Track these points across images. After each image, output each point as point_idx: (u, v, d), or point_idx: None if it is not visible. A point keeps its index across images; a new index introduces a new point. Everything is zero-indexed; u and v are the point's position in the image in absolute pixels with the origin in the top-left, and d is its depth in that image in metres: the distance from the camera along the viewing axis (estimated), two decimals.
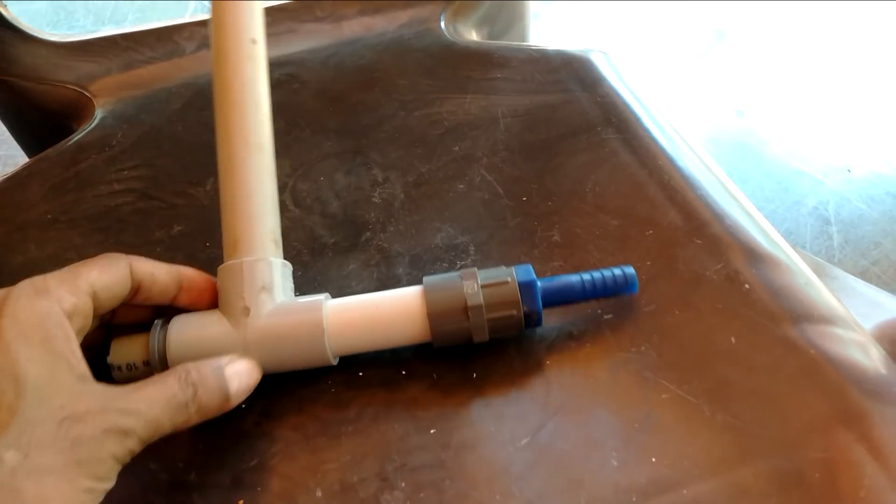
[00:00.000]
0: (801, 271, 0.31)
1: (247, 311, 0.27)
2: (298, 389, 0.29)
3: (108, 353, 0.27)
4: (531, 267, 0.28)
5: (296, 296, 0.29)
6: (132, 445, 0.22)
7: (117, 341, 0.27)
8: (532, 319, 0.28)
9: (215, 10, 0.30)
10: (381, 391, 0.28)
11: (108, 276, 0.25)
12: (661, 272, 0.31)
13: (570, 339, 0.29)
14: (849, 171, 0.96)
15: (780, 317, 0.29)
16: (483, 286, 0.27)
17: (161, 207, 0.38)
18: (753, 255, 0.31)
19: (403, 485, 0.25)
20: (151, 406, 0.23)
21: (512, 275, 0.28)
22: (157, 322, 0.27)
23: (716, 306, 0.29)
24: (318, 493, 0.25)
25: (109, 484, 0.22)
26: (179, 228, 0.37)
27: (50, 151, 0.42)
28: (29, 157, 0.53)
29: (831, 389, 0.26)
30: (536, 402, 0.27)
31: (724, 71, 1.14)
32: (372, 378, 0.29)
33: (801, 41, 1.18)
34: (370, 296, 0.29)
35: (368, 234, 0.35)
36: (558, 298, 0.28)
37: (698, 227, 0.33)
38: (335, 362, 0.28)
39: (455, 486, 0.25)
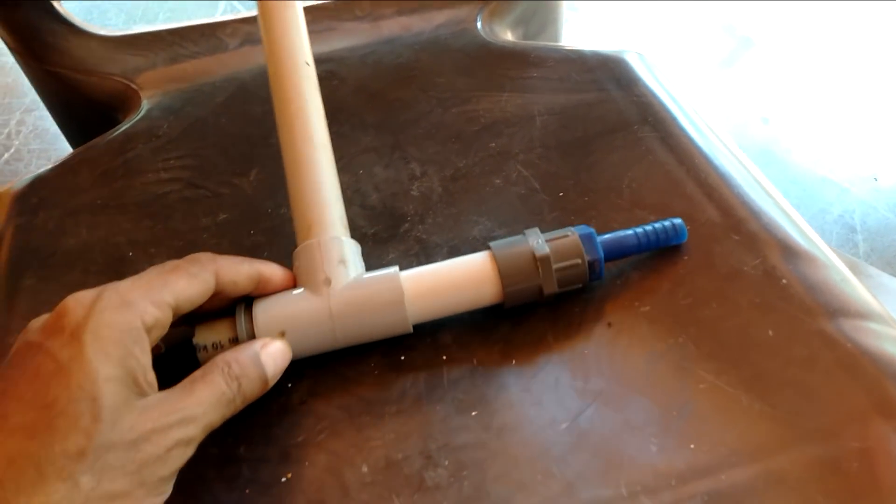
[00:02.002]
0: (836, 268, 0.31)
1: (328, 281, 0.28)
2: (342, 370, 0.30)
3: (192, 335, 0.29)
4: (592, 229, 0.30)
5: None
6: (191, 452, 0.24)
7: (202, 325, 0.29)
8: (594, 270, 0.30)
9: (270, 39, 0.34)
10: (422, 374, 0.29)
11: (193, 289, 0.26)
12: (699, 267, 0.31)
13: (607, 329, 0.30)
14: (875, 179, 0.95)
15: (816, 311, 0.29)
16: (548, 241, 0.30)
17: (207, 196, 0.39)
18: (790, 251, 0.32)
19: (447, 463, 0.26)
20: (206, 410, 0.24)
21: (573, 231, 0.30)
22: (240, 306, 0.29)
23: (753, 300, 0.30)
24: (364, 469, 0.26)
25: (168, 495, 0.23)
26: (225, 216, 0.38)
27: (98, 140, 0.44)
28: (73, 147, 0.55)
29: (868, 382, 0.27)
30: (576, 389, 0.28)
31: (750, 78, 1.14)
32: (414, 361, 0.30)
33: (827, 49, 1.18)
34: (440, 264, 0.30)
35: (407, 225, 0.36)
36: (616, 249, 0.31)
37: (735, 224, 0.33)
38: (411, 329, 0.29)
39: (497, 466, 0.26)
